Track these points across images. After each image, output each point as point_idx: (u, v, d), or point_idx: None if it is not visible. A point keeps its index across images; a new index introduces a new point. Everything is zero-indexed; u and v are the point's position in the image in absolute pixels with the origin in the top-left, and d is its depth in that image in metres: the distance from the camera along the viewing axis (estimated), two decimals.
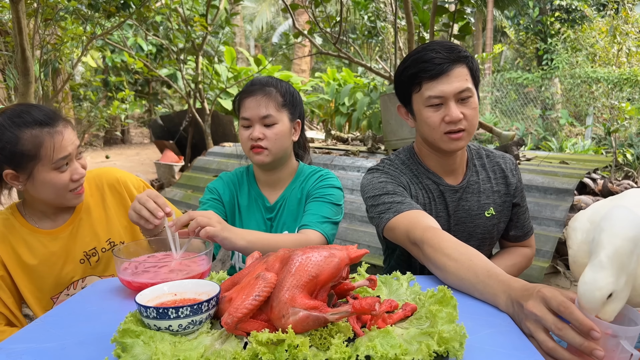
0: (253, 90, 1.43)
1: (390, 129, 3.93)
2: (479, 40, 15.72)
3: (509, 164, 1.53)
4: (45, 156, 1.26)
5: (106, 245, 1.47)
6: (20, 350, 0.77)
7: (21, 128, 1.25)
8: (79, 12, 3.75)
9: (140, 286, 0.94)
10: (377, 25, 5.40)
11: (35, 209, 1.40)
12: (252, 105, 1.42)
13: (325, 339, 0.71)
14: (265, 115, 1.40)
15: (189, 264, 1.07)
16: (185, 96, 6.68)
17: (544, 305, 0.78)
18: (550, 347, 0.76)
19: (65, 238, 1.41)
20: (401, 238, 1.25)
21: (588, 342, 0.71)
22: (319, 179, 1.51)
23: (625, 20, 11.62)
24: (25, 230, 1.38)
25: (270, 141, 1.42)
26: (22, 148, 1.24)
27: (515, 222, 1.55)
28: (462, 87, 1.28)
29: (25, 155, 1.25)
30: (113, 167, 1.57)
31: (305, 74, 13.50)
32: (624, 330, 0.73)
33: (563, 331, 0.74)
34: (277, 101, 1.43)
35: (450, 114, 1.29)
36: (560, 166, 3.44)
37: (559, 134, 10.48)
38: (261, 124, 1.42)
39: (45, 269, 1.39)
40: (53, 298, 1.43)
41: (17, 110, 1.28)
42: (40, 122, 1.26)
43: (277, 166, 1.51)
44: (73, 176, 1.32)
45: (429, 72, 1.29)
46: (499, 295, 0.89)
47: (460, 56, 1.30)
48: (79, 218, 1.45)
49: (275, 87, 1.44)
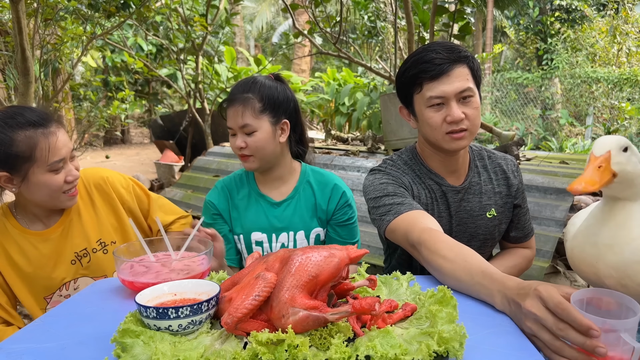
0: (233, 99, 1.44)
1: (390, 129, 3.93)
2: (479, 40, 15.71)
3: (511, 165, 1.53)
4: (40, 158, 1.25)
5: (97, 246, 1.47)
6: (20, 350, 0.77)
7: (14, 130, 1.23)
8: (79, 12, 3.75)
9: (141, 287, 0.94)
10: (377, 25, 5.40)
11: (27, 211, 1.40)
12: (231, 115, 1.44)
13: (325, 339, 0.71)
14: (242, 125, 1.42)
15: (188, 264, 1.07)
16: (185, 96, 6.68)
17: (541, 304, 0.78)
18: (557, 347, 0.76)
19: (56, 239, 1.41)
20: (401, 240, 1.25)
21: (590, 341, 0.71)
22: (341, 199, 1.55)
23: (625, 20, 11.62)
24: (16, 232, 1.38)
25: (251, 149, 1.43)
26: (16, 150, 1.22)
27: (516, 224, 1.55)
28: (463, 87, 1.28)
29: (19, 157, 1.23)
30: (99, 167, 1.57)
31: (305, 74, 13.49)
32: (621, 323, 0.74)
33: (564, 332, 0.74)
34: (255, 108, 1.42)
35: (451, 114, 1.29)
36: (560, 166, 3.44)
37: (559, 134, 10.48)
38: (242, 133, 1.43)
39: (37, 271, 1.39)
40: (46, 298, 1.43)
41: (9, 112, 1.27)
42: (34, 123, 1.25)
43: (269, 167, 1.52)
44: (67, 178, 1.32)
45: (429, 72, 1.29)
46: (495, 294, 0.89)
47: (461, 56, 1.30)
48: (69, 219, 1.44)
49: (254, 93, 1.43)
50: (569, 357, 0.75)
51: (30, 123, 1.25)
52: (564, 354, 0.75)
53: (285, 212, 1.54)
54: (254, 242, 1.54)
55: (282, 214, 1.53)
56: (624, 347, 0.74)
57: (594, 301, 0.83)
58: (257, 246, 1.54)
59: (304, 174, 1.58)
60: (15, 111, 1.27)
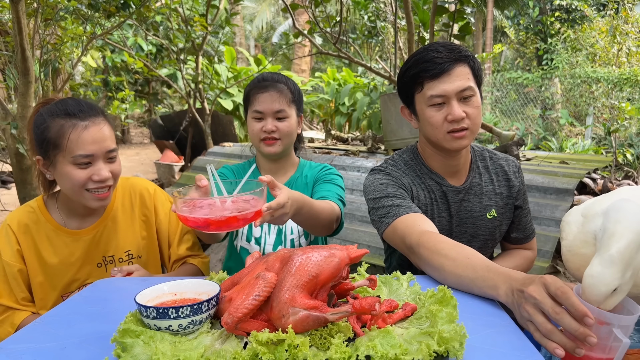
0: (266, 85, 1.52)
1: (390, 129, 3.93)
2: (479, 40, 15.72)
3: (512, 166, 1.52)
4: (66, 147, 1.25)
5: (124, 256, 1.46)
6: (20, 350, 0.77)
7: (52, 117, 1.27)
8: (79, 12, 3.75)
9: (197, 221, 0.91)
10: (377, 25, 5.39)
11: (67, 205, 1.40)
12: (266, 100, 1.50)
13: (325, 339, 0.71)
14: (278, 109, 1.51)
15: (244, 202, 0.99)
16: (185, 96, 6.67)
17: (544, 289, 0.79)
18: (548, 329, 0.77)
19: (88, 241, 1.41)
20: (398, 243, 1.26)
21: (583, 328, 0.73)
22: (324, 168, 1.65)
23: (625, 20, 11.62)
24: (49, 227, 1.38)
25: (281, 133, 1.52)
26: (48, 135, 1.26)
27: (517, 225, 1.55)
28: (464, 86, 1.28)
29: (50, 143, 1.26)
30: (147, 180, 1.58)
31: (305, 74, 13.50)
32: (617, 318, 0.74)
33: (559, 315, 0.75)
34: (288, 97, 1.53)
35: (452, 113, 1.29)
36: (560, 166, 3.43)
37: (559, 134, 10.49)
38: (273, 118, 1.51)
39: (63, 268, 1.39)
40: (63, 296, 1.42)
41: (59, 101, 1.31)
42: (69, 113, 1.27)
43: (283, 155, 1.61)
44: (93, 176, 1.28)
45: (430, 71, 1.29)
46: (500, 286, 0.90)
47: (462, 55, 1.30)
48: (105, 224, 1.43)
49: (286, 84, 1.54)
50: (557, 341, 0.76)
51: (67, 113, 1.27)
52: (553, 337, 0.76)
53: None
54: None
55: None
56: (614, 343, 0.74)
57: None
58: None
59: (301, 166, 1.68)
60: (63, 100, 1.31)
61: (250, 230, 1.60)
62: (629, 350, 0.95)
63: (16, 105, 3.06)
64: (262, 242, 1.59)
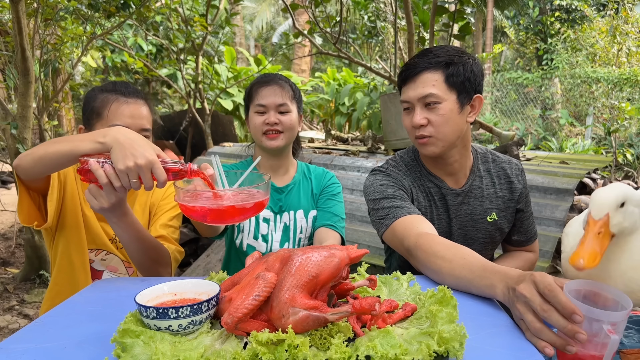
0: (268, 80, 1.56)
1: (390, 129, 3.93)
2: (479, 40, 15.72)
3: (515, 169, 1.52)
4: (106, 117, 1.35)
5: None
6: (20, 350, 0.77)
7: (102, 91, 1.40)
8: (79, 12, 3.74)
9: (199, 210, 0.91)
10: (377, 25, 5.39)
11: None
12: (269, 94, 1.53)
13: (325, 339, 0.71)
14: (281, 103, 1.53)
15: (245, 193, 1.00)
16: (185, 96, 6.67)
17: (533, 287, 0.79)
18: (537, 328, 0.77)
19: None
20: (397, 245, 1.26)
21: (571, 325, 0.73)
22: (327, 177, 1.70)
23: (625, 20, 11.62)
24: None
25: (284, 126, 1.54)
26: (94, 105, 1.38)
27: (519, 227, 1.54)
28: (424, 93, 1.29)
29: (94, 112, 1.38)
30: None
31: (305, 74, 13.49)
32: (606, 314, 0.74)
33: (548, 312, 0.75)
34: (290, 93, 1.57)
35: (412, 119, 1.32)
36: (560, 166, 3.43)
37: (559, 134, 10.49)
38: (276, 111, 1.54)
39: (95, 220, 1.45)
40: (91, 252, 1.45)
41: (112, 81, 1.46)
42: (116, 90, 1.39)
43: (283, 152, 1.63)
44: None
45: (401, 76, 1.35)
46: (497, 285, 0.90)
47: (437, 62, 1.28)
48: (132, 198, 1.50)
49: (287, 82, 1.59)
50: (547, 340, 0.76)
51: (113, 90, 1.40)
52: (542, 336, 0.76)
53: (288, 196, 1.64)
54: (262, 219, 1.62)
55: (285, 197, 1.63)
56: (604, 340, 0.74)
57: (592, 296, 0.83)
58: (264, 222, 1.61)
59: (301, 167, 1.72)
60: (114, 81, 1.45)
61: (257, 228, 1.61)
62: (629, 350, 0.95)
63: (16, 105, 3.06)
64: (270, 239, 1.61)
